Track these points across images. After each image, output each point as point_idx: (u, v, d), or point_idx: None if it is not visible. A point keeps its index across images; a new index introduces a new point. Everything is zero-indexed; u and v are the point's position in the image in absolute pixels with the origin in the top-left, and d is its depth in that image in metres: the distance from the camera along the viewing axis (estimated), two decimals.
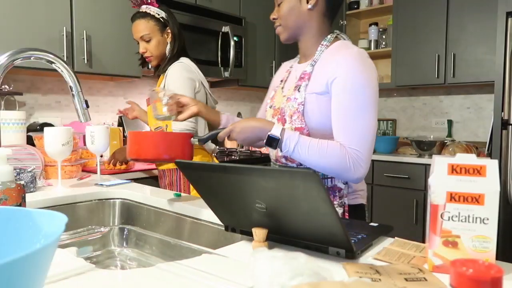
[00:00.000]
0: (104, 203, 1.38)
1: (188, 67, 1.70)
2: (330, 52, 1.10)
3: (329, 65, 1.06)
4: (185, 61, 1.72)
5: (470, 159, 0.66)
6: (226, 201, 0.81)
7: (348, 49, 1.05)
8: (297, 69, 1.20)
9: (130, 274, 0.68)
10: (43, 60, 1.07)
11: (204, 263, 0.73)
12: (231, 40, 2.75)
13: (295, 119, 1.09)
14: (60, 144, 1.37)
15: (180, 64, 1.70)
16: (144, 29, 1.72)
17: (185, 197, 1.26)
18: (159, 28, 1.74)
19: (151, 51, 1.74)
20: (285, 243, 0.82)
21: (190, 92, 1.65)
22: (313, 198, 0.65)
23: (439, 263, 0.68)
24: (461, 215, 0.66)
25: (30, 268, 0.36)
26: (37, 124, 2.18)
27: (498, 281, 0.39)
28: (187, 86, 1.65)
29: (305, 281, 0.51)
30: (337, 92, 1.03)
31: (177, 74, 1.66)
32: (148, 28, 1.72)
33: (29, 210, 0.48)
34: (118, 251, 1.29)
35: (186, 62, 1.72)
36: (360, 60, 1.02)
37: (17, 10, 1.91)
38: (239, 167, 0.71)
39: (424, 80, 3.12)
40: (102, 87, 2.62)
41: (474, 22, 2.85)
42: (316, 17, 1.13)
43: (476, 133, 3.23)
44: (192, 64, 1.73)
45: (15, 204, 0.87)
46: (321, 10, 1.13)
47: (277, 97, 1.21)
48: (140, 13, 1.74)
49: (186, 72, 1.68)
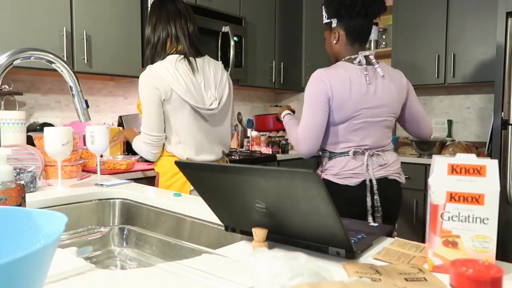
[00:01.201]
0: (104, 203, 1.38)
1: (152, 77, 1.56)
2: None
3: None
4: (156, 66, 1.58)
5: (470, 159, 0.66)
6: (226, 201, 0.81)
7: None
8: None
9: (130, 274, 0.68)
10: (43, 60, 1.07)
11: (204, 263, 0.73)
12: (231, 40, 2.75)
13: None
14: (60, 144, 1.37)
15: (144, 74, 1.59)
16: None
17: (185, 197, 1.26)
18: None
19: None
20: (285, 243, 0.82)
21: (155, 105, 1.57)
22: (313, 198, 0.65)
23: (439, 263, 0.68)
24: (461, 215, 0.66)
25: (30, 268, 0.36)
26: (37, 124, 2.18)
27: (498, 281, 0.39)
28: (150, 101, 1.56)
29: (305, 281, 0.51)
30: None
31: (141, 90, 1.59)
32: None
33: (29, 210, 0.48)
34: (118, 251, 1.29)
35: (156, 66, 1.58)
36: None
37: (17, 10, 1.91)
38: (239, 167, 0.71)
39: (424, 80, 3.12)
40: (102, 87, 2.62)
41: (474, 22, 2.86)
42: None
43: (476, 133, 3.23)
44: (164, 68, 1.56)
45: (15, 204, 0.87)
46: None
47: None
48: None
49: (150, 82, 1.56)
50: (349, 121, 1.49)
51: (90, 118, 1.18)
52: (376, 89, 1.52)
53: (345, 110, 1.48)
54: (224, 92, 1.72)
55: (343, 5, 1.52)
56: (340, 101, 1.47)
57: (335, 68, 1.52)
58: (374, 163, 1.51)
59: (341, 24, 1.56)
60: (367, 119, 1.50)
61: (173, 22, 1.65)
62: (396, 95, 1.56)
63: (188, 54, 1.63)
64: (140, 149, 1.65)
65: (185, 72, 1.60)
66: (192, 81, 1.61)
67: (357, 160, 1.51)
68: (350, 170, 1.51)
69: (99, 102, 2.61)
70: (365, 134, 1.51)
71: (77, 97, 1.14)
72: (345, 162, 1.52)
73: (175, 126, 1.62)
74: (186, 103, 1.59)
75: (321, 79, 1.49)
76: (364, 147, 1.52)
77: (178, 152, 1.64)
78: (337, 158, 1.53)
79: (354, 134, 1.51)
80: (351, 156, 1.51)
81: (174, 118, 1.61)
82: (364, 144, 1.51)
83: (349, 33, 1.55)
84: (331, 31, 1.60)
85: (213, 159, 1.72)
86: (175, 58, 1.60)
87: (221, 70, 1.74)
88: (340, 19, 1.55)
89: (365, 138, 1.51)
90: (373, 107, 1.50)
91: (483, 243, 0.65)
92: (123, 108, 2.73)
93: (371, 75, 1.53)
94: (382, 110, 1.52)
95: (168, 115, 1.60)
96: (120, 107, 2.71)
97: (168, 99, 1.57)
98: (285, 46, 3.41)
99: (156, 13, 1.67)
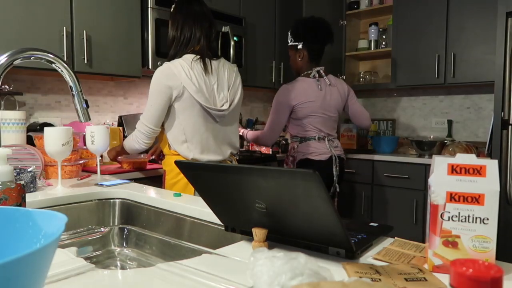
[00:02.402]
0: (104, 203, 1.38)
1: (166, 73, 1.59)
2: None
3: None
4: (172, 63, 1.61)
5: (470, 159, 0.66)
6: (226, 201, 0.81)
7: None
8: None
9: (130, 274, 0.68)
10: (43, 60, 1.07)
11: (204, 263, 0.73)
12: (231, 40, 2.75)
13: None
14: (60, 144, 1.37)
15: (159, 69, 1.62)
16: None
17: (185, 197, 1.26)
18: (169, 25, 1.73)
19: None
20: (285, 243, 0.82)
21: (162, 101, 1.59)
22: (313, 198, 0.65)
23: (439, 263, 0.68)
24: (461, 215, 0.66)
25: (30, 268, 0.36)
26: (37, 124, 2.18)
27: (498, 281, 0.39)
28: (158, 96, 1.60)
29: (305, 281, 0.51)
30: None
31: (152, 83, 1.61)
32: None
33: (29, 210, 0.48)
34: (118, 251, 1.29)
35: (172, 64, 1.61)
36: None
37: (17, 10, 1.91)
38: (239, 167, 0.71)
39: (424, 80, 3.12)
40: (102, 87, 2.62)
41: (474, 22, 2.86)
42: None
43: (476, 133, 3.23)
44: (180, 67, 1.59)
45: (15, 204, 0.87)
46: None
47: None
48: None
49: (160, 79, 1.59)
50: (311, 116, 2.27)
51: (90, 118, 1.18)
52: (326, 94, 2.31)
53: (307, 109, 2.27)
54: (236, 95, 1.75)
55: (308, 34, 2.29)
56: (302, 104, 2.26)
57: (297, 82, 2.32)
58: (332, 145, 2.31)
59: (305, 47, 2.31)
60: (322, 115, 2.29)
61: (198, 23, 1.69)
62: (340, 98, 2.37)
63: (204, 55, 1.67)
64: (131, 138, 1.70)
65: (199, 72, 1.63)
66: (205, 81, 1.64)
67: (321, 143, 2.29)
68: (319, 150, 2.28)
69: (99, 102, 2.61)
70: (323, 125, 2.30)
71: (77, 97, 1.14)
72: (314, 144, 2.28)
73: (182, 124, 1.63)
74: (197, 103, 1.61)
75: (287, 91, 2.28)
76: (323, 134, 2.30)
77: (182, 151, 1.65)
78: (307, 141, 2.30)
79: (316, 125, 2.29)
80: (317, 140, 2.29)
81: (183, 116, 1.63)
82: (323, 132, 2.30)
83: (311, 53, 2.32)
84: (297, 51, 2.34)
85: (220, 160, 1.73)
86: (191, 58, 1.64)
87: (235, 73, 1.79)
88: (305, 43, 2.31)
89: (323, 128, 2.30)
90: (325, 106, 2.29)
91: (483, 243, 0.65)
92: (123, 108, 2.73)
93: (322, 84, 2.31)
94: (331, 108, 2.32)
95: (178, 112, 1.63)
96: (120, 107, 2.71)
97: (180, 97, 1.60)
98: (285, 46, 3.41)
99: (183, 12, 1.70)
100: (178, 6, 1.73)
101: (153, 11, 2.34)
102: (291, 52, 2.37)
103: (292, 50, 2.36)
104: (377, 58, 3.72)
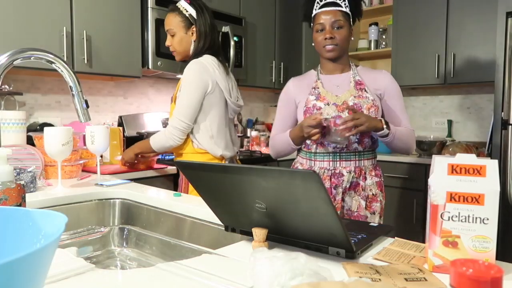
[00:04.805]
0: (104, 203, 1.38)
1: (202, 67, 1.66)
2: (363, 71, 1.65)
3: (376, 80, 1.59)
4: (203, 59, 1.68)
5: (470, 159, 0.66)
6: (226, 201, 0.81)
7: (382, 71, 1.66)
8: (334, 78, 1.62)
9: (130, 274, 0.68)
10: (43, 60, 1.07)
11: (204, 263, 0.73)
12: (231, 40, 2.75)
13: (372, 111, 1.50)
14: (60, 144, 1.37)
15: (195, 63, 1.66)
16: (170, 23, 1.73)
17: (185, 197, 1.26)
18: (185, 25, 1.72)
19: (174, 46, 1.75)
20: (285, 243, 0.82)
21: (199, 95, 1.65)
22: (313, 198, 0.65)
23: (439, 263, 0.68)
24: (461, 215, 0.66)
25: (30, 268, 0.36)
26: (37, 124, 2.18)
27: (498, 281, 0.39)
28: (197, 89, 1.64)
29: (305, 281, 0.51)
30: (394, 97, 1.59)
31: (189, 77, 1.64)
32: (173, 23, 1.72)
33: (29, 210, 0.48)
34: (118, 251, 1.29)
35: (204, 60, 1.67)
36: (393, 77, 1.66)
37: (17, 10, 1.91)
38: (239, 167, 0.71)
39: (424, 80, 3.12)
40: (102, 87, 2.62)
41: (474, 22, 2.85)
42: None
43: (476, 133, 3.23)
44: (211, 63, 1.68)
45: (15, 204, 0.87)
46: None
47: (329, 98, 1.56)
48: (172, 6, 1.76)
49: (199, 73, 1.65)
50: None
51: (90, 118, 1.18)
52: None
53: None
54: (239, 95, 1.86)
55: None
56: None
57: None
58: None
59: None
60: None
61: (215, 27, 1.78)
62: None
63: (223, 58, 1.79)
64: (164, 135, 1.69)
65: (221, 71, 1.73)
66: (226, 80, 1.74)
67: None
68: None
69: (99, 102, 2.60)
70: None
71: (77, 97, 1.14)
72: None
73: (210, 120, 1.70)
74: (223, 99, 1.72)
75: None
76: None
77: (211, 147, 1.71)
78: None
79: None
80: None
81: (212, 112, 1.70)
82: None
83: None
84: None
85: (232, 156, 1.82)
86: (215, 58, 1.73)
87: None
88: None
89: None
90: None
91: (483, 243, 0.65)
92: (123, 108, 2.73)
93: None
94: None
95: (208, 108, 1.69)
96: (120, 107, 2.71)
97: (213, 92, 1.68)
98: (285, 46, 3.41)
99: (209, 13, 1.75)
100: (202, 7, 1.75)
101: (153, 11, 2.34)
102: (349, 29, 1.66)
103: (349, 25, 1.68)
104: (377, 58, 3.71)
